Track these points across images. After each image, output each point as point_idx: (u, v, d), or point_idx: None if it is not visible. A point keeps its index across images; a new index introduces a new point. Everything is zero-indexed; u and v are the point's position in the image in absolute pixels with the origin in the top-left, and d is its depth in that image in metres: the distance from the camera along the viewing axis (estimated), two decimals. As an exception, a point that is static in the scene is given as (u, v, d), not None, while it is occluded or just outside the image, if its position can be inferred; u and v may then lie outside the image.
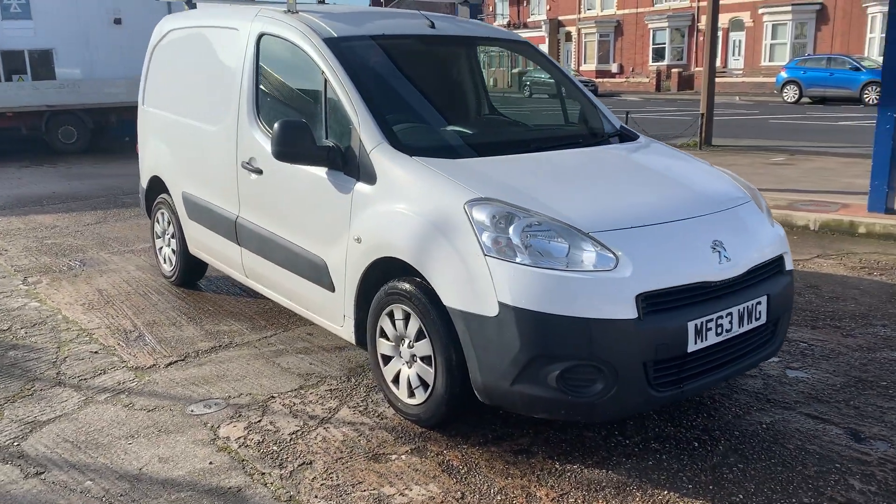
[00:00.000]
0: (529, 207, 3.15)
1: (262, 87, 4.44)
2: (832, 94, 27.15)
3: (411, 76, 4.31)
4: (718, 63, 37.40)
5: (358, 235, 3.61)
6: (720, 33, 37.96)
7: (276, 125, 3.72)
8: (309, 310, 4.17)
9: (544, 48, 44.21)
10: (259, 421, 3.61)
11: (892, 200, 7.47)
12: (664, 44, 41.11)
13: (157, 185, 5.79)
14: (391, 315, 3.54)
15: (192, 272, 5.70)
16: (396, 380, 3.60)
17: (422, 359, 3.41)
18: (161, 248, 5.89)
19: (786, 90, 28.35)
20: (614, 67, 44.34)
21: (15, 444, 3.43)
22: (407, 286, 3.38)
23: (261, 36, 4.46)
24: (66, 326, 4.95)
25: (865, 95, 26.10)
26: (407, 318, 3.45)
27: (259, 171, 4.32)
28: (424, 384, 3.43)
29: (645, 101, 32.19)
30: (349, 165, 3.71)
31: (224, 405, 3.78)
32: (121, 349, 4.54)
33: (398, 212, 3.42)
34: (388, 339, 3.60)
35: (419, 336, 3.39)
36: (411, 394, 3.51)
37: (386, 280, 3.57)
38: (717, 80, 15.93)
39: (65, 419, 3.66)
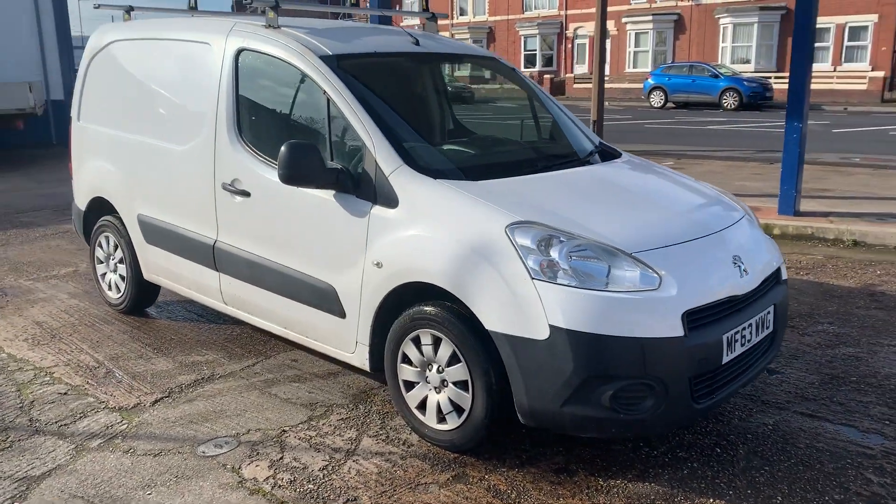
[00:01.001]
0: (569, 230, 3.20)
1: (243, 105, 4.23)
2: (694, 99, 29.00)
3: (408, 95, 4.26)
4: (585, 69, 39.08)
5: (377, 260, 3.52)
6: (586, 41, 39.72)
7: (283, 148, 3.57)
8: (309, 337, 4.02)
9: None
10: (281, 458, 3.45)
11: (800, 203, 8.09)
12: (535, 50, 42.41)
13: (99, 207, 5.40)
14: (416, 340, 3.48)
15: (144, 299, 5.35)
16: (422, 406, 3.55)
17: (455, 384, 3.38)
18: (104, 274, 5.49)
19: (653, 96, 30.02)
20: (487, 74, 45.13)
21: (16, 504, 3.11)
22: (437, 311, 3.34)
23: (240, 52, 4.25)
24: (17, 366, 4.52)
25: (724, 101, 28.05)
26: (436, 342, 3.40)
27: (245, 194, 4.12)
28: (458, 409, 3.40)
29: (521, 107, 33.03)
30: (362, 188, 3.62)
31: (236, 443, 3.58)
32: (93, 388, 4.20)
33: (428, 236, 3.37)
34: (411, 364, 3.54)
35: (452, 361, 3.36)
36: (441, 419, 3.47)
37: (402, 305, 3.51)
38: (585, 86, 16.64)
39: (62, 472, 3.35)
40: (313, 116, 3.99)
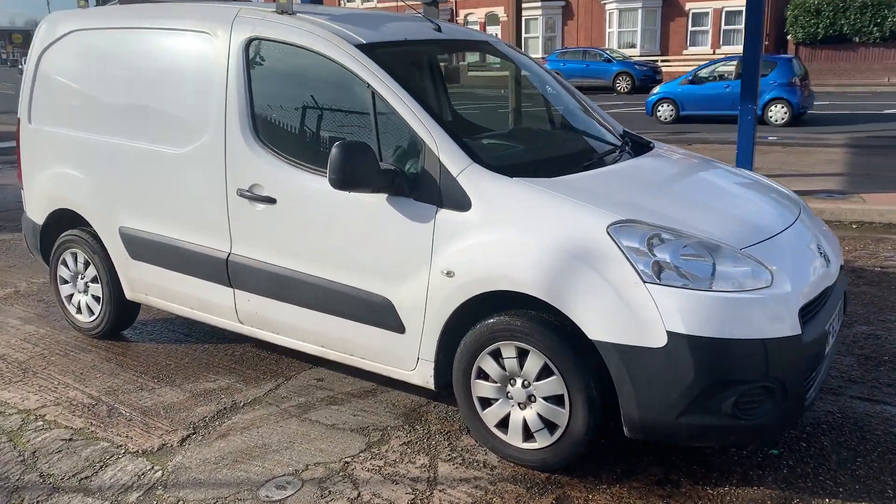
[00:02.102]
0: (673, 227, 3.00)
1: (259, 102, 3.78)
2: (589, 83, 29.59)
3: (443, 87, 3.93)
4: (477, 57, 39.17)
5: (448, 269, 3.21)
6: (477, 28, 39.84)
7: (334, 149, 3.19)
8: (355, 355, 3.65)
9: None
10: (358, 495, 3.09)
11: (754, 184, 8.27)
12: (425, 37, 42.17)
13: (62, 221, 4.77)
14: (495, 354, 3.21)
15: (123, 322, 4.78)
16: (503, 424, 3.28)
17: (546, 398, 3.13)
18: (70, 295, 4.86)
19: (549, 81, 30.42)
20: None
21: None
22: (524, 321, 3.08)
23: (250, 41, 3.80)
24: (-4, 410, 3.91)
25: (617, 84, 28.82)
26: (522, 355, 3.14)
27: (268, 200, 3.69)
28: (550, 425, 3.15)
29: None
30: (423, 191, 3.28)
31: (299, 483, 3.19)
32: (101, 430, 3.67)
33: (513, 241, 3.08)
34: (488, 380, 3.26)
35: (542, 374, 3.11)
36: (528, 438, 3.21)
37: (474, 317, 3.23)
38: (480, 74, 16.60)
39: (109, 536, 2.88)
40: (353, 113, 3.61)
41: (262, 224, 3.76)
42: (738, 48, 32.82)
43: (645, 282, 2.85)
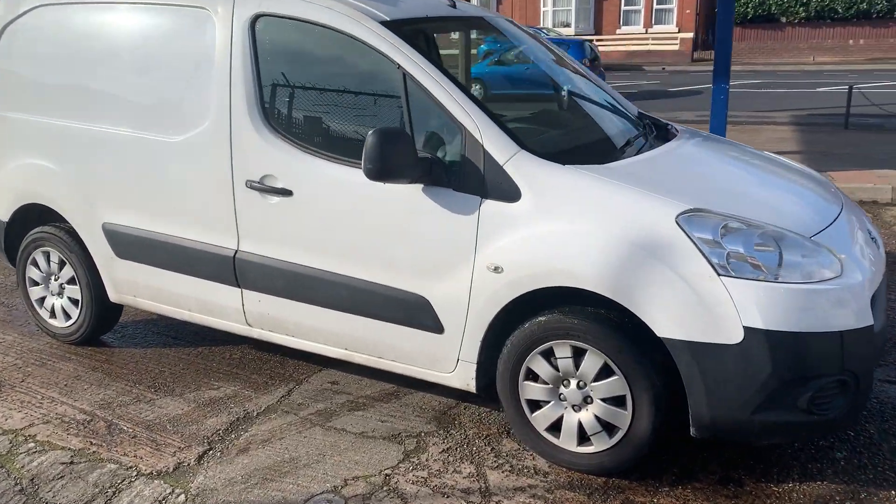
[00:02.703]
0: (742, 215, 2.84)
1: (269, 85, 3.45)
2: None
3: (466, 67, 3.67)
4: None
5: (495, 264, 2.99)
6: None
7: (370, 136, 2.92)
8: (385, 358, 3.40)
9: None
10: (410, 512, 2.86)
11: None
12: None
13: (29, 217, 4.33)
14: (546, 353, 3.01)
15: (104, 325, 4.38)
16: (555, 427, 3.09)
17: (604, 400, 2.95)
18: (43, 298, 4.42)
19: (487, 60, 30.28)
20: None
21: None
22: (581, 319, 2.89)
23: (256, 18, 3.45)
24: (-24, 432, 3.50)
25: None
26: (578, 355, 2.95)
27: (284, 192, 3.38)
28: (608, 427, 2.98)
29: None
30: (465, 180, 3.04)
31: (342, 501, 2.93)
32: (104, 451, 3.32)
33: (571, 232, 2.88)
34: (538, 381, 3.07)
35: (602, 374, 2.93)
36: (583, 441, 3.04)
37: (519, 315, 3.03)
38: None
39: (142, 575, 2.57)
40: (381, 96, 3.33)
41: (276, 218, 3.45)
42: (669, 27, 33.39)
43: (719, 275, 2.69)
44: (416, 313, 3.22)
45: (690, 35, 32.25)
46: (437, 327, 3.20)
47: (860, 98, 12.93)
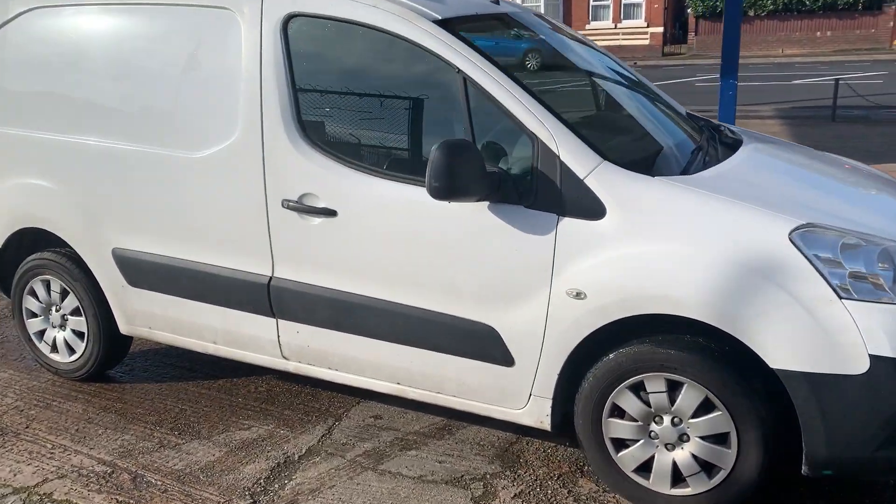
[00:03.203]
0: (859, 230, 2.57)
1: (305, 94, 3.10)
2: (500, 61, 29.41)
3: (521, 70, 3.36)
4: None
5: (577, 290, 2.68)
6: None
7: (435, 150, 2.59)
8: (445, 393, 3.07)
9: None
10: (496, 573, 2.54)
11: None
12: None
13: (24, 243, 3.92)
14: (635, 387, 2.71)
15: (112, 359, 3.98)
16: (644, 468, 2.79)
17: (703, 437, 2.66)
18: (43, 331, 4.01)
19: (457, 58, 29.99)
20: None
21: None
22: (678, 350, 2.60)
23: (289, 18, 3.09)
24: (-17, 491, 3.10)
25: (527, 62, 28.65)
26: (673, 388, 2.66)
27: (328, 213, 3.03)
28: (707, 468, 2.69)
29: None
30: (538, 196, 2.73)
31: (416, 562, 2.60)
32: (134, 509, 2.94)
33: (670, 254, 2.58)
34: (625, 418, 2.77)
35: (702, 410, 2.63)
36: (677, 482, 2.75)
37: (600, 345, 2.73)
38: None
39: None
40: (437, 103, 3.01)
41: (317, 241, 3.10)
42: (638, 22, 33.40)
43: (841, 297, 2.41)
44: (482, 344, 2.90)
45: (660, 29, 32.32)
46: (506, 360, 2.88)
47: (844, 89, 12.91)
